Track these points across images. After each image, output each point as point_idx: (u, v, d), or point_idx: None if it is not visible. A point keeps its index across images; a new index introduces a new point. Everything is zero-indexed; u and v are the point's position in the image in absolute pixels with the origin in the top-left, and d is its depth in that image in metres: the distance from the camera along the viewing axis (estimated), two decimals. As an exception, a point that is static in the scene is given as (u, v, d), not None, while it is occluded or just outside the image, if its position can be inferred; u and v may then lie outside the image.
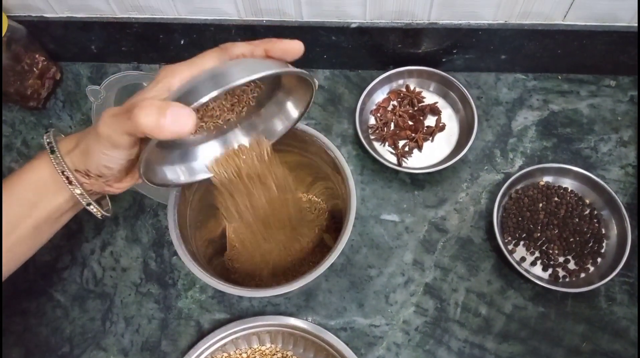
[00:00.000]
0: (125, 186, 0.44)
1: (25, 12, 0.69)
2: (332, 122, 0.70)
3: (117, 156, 0.39)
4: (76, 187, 0.42)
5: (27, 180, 0.42)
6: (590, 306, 0.59)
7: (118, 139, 0.37)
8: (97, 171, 0.41)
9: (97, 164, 0.40)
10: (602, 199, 0.62)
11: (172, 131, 0.33)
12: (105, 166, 0.40)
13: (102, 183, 0.42)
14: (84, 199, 0.43)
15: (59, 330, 0.61)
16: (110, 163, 0.40)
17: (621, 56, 0.68)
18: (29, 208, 0.42)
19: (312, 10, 0.65)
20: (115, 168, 0.40)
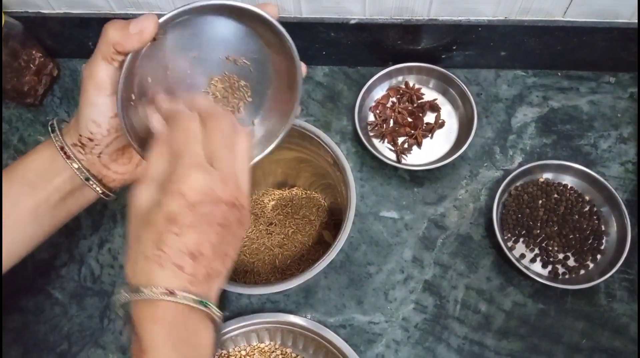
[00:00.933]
0: (122, 170, 0.45)
1: (22, 8, 0.68)
2: (331, 119, 0.70)
3: (101, 102, 0.39)
4: (74, 161, 0.42)
5: (29, 161, 0.43)
6: (590, 303, 0.59)
7: (97, 71, 0.38)
8: (87, 133, 0.41)
9: (86, 120, 0.40)
10: (601, 196, 0.62)
11: (135, 31, 0.36)
12: (93, 121, 0.40)
13: (97, 161, 0.43)
14: (82, 174, 0.43)
15: (57, 328, 0.61)
16: (97, 115, 0.40)
17: (621, 52, 0.68)
18: (29, 187, 0.43)
19: (311, 6, 0.64)
20: (102, 124, 0.40)
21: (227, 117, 0.38)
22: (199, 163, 0.35)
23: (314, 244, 0.64)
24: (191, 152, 0.35)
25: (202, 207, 0.34)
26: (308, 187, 0.68)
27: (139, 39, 0.36)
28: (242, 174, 0.37)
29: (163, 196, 0.34)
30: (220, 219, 0.35)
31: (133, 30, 0.36)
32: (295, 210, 0.66)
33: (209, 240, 0.34)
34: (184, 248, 0.34)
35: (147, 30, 0.36)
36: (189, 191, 0.34)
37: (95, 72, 0.38)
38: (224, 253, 0.36)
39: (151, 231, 0.34)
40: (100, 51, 0.37)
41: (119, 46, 0.36)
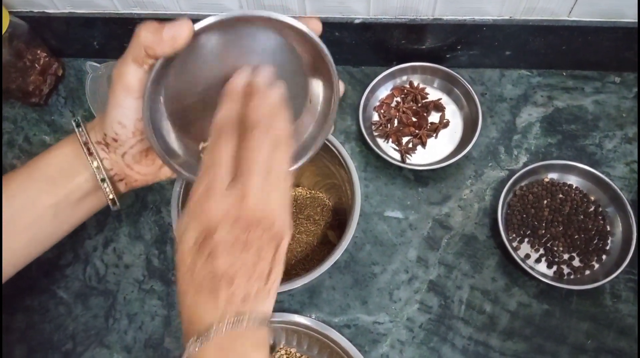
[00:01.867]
0: (145, 171, 0.45)
1: (27, 8, 0.69)
2: (335, 119, 0.70)
3: (128, 105, 0.39)
4: (95, 159, 0.42)
5: (51, 157, 0.43)
6: (595, 303, 0.59)
7: (126, 72, 0.37)
8: (112, 133, 0.41)
9: (112, 121, 0.40)
10: (607, 196, 0.62)
11: (169, 37, 0.35)
12: (119, 123, 0.40)
13: (121, 160, 0.43)
14: (100, 174, 0.43)
15: (62, 327, 0.61)
16: (123, 117, 0.40)
17: (626, 52, 0.67)
18: (49, 184, 0.43)
19: (315, 6, 0.64)
20: (128, 126, 0.40)
21: (267, 132, 0.36)
22: (215, 186, 0.35)
23: (318, 244, 0.64)
24: (211, 176, 0.35)
25: (221, 230, 0.34)
26: (312, 187, 0.68)
27: (172, 45, 0.35)
28: (271, 191, 0.36)
29: (187, 226, 0.35)
30: (244, 241, 0.35)
31: (167, 35, 0.35)
32: (299, 210, 0.66)
33: (238, 263, 0.34)
34: (214, 273, 0.34)
35: (181, 37, 0.35)
36: (206, 216, 0.34)
37: (125, 74, 0.37)
38: (263, 273, 0.35)
39: (185, 261, 0.35)
40: (130, 53, 0.36)
41: (151, 49, 0.35)
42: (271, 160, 0.36)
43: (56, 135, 0.72)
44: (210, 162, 0.36)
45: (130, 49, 0.36)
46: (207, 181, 0.35)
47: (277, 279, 0.37)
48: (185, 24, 0.35)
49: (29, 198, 0.42)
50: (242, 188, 0.35)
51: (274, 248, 0.36)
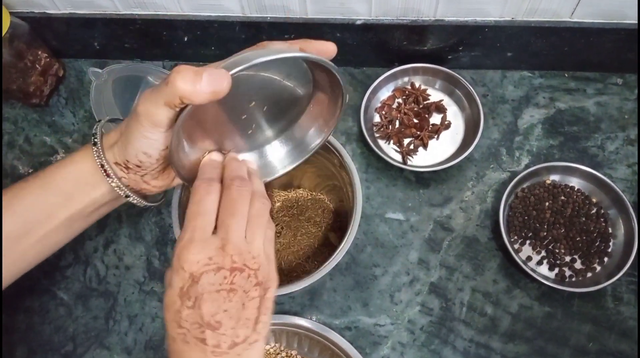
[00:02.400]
0: (161, 185, 0.45)
1: (28, 9, 0.68)
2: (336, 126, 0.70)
3: (156, 138, 0.39)
4: (113, 180, 0.42)
5: (67, 171, 0.43)
6: (597, 306, 0.59)
7: (156, 113, 0.37)
8: (136, 161, 0.41)
9: (137, 150, 0.40)
10: (609, 198, 0.62)
11: (208, 91, 0.34)
12: (144, 153, 0.40)
13: (139, 179, 0.43)
14: (122, 191, 0.43)
15: (62, 329, 0.61)
16: (149, 148, 0.39)
17: (628, 53, 0.67)
18: (66, 199, 0.43)
19: (317, 7, 0.64)
20: (153, 155, 0.40)
21: (239, 183, 0.39)
22: (197, 235, 0.36)
23: (319, 246, 0.64)
24: (193, 226, 0.37)
25: (205, 278, 0.35)
26: (313, 188, 0.67)
27: (211, 98, 0.35)
28: (253, 239, 0.37)
29: (172, 275, 0.36)
30: (228, 287, 0.35)
31: (207, 89, 0.34)
32: (300, 212, 0.66)
33: (223, 308, 0.35)
34: (200, 320, 0.35)
35: (221, 92, 0.35)
36: (189, 265, 0.35)
37: (155, 114, 0.37)
38: (250, 320, 0.36)
39: (171, 312, 0.36)
40: (163, 97, 0.36)
41: (187, 99, 0.35)
42: (251, 209, 0.38)
43: (57, 136, 0.71)
44: (194, 213, 0.37)
45: (164, 94, 0.35)
46: (190, 232, 0.36)
47: (265, 326, 0.37)
48: (225, 77, 0.34)
49: (45, 212, 0.43)
50: (223, 235, 0.36)
51: (259, 295, 0.37)
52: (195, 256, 0.35)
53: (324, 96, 0.45)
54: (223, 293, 0.35)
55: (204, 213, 0.37)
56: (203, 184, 0.39)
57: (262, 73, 0.40)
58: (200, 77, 0.34)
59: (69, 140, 0.71)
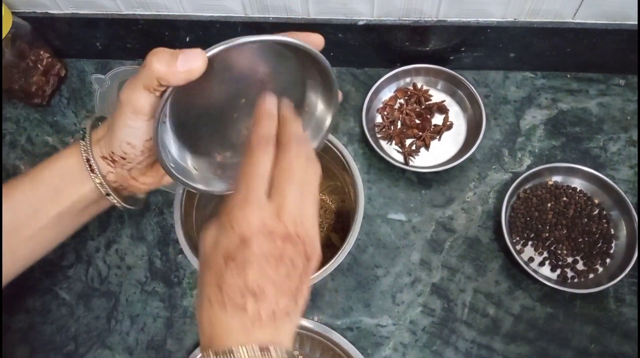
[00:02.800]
0: (150, 182, 0.44)
1: (30, 9, 0.68)
2: (338, 121, 0.70)
3: (138, 126, 0.38)
4: (97, 176, 0.42)
5: (55, 167, 0.43)
6: (599, 307, 0.59)
7: (137, 98, 0.36)
8: (120, 152, 0.40)
9: (120, 141, 0.40)
10: (611, 199, 0.62)
11: (183, 70, 0.34)
12: (128, 143, 0.40)
13: (127, 174, 0.42)
14: (103, 188, 0.43)
15: (64, 329, 0.61)
16: (133, 137, 0.39)
17: (631, 54, 0.67)
18: (54, 194, 0.42)
19: (319, 7, 0.64)
20: (137, 145, 0.40)
21: (298, 148, 0.37)
22: (252, 197, 0.34)
23: (321, 246, 0.64)
24: (249, 186, 0.35)
25: (256, 242, 0.33)
26: (315, 189, 0.67)
27: (186, 77, 0.35)
28: (305, 208, 0.36)
29: (219, 234, 0.35)
30: (277, 254, 0.34)
31: (181, 67, 0.34)
32: (302, 212, 0.66)
33: (269, 276, 0.33)
34: (243, 286, 0.33)
35: (196, 70, 0.35)
36: (241, 226, 0.34)
37: (135, 99, 0.37)
38: (292, 290, 0.35)
39: (212, 272, 0.34)
40: (141, 80, 0.36)
41: (164, 80, 0.35)
42: (305, 175, 0.36)
43: (59, 136, 0.71)
44: (249, 173, 0.35)
45: (142, 77, 0.36)
46: (244, 192, 0.35)
47: (304, 299, 0.36)
48: (200, 56, 0.34)
49: (33, 208, 0.42)
50: (279, 200, 0.34)
51: (303, 267, 0.35)
52: (249, 217, 0.34)
53: (317, 95, 0.44)
54: (272, 260, 0.34)
55: (261, 174, 0.35)
56: (262, 141, 0.37)
57: (250, 63, 0.39)
58: (176, 58, 0.34)
59: (71, 140, 0.71)
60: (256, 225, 0.34)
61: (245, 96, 0.42)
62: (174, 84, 0.35)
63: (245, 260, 0.33)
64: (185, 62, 0.34)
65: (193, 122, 0.41)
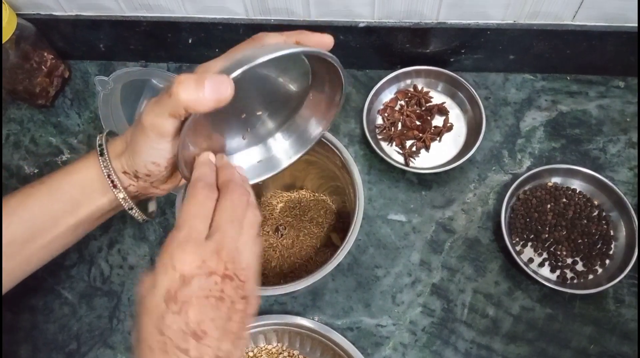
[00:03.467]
0: (169, 187, 0.45)
1: (34, 11, 0.69)
2: (339, 122, 0.70)
3: (163, 148, 0.38)
4: (120, 191, 0.42)
5: (74, 178, 0.43)
6: (599, 308, 0.59)
7: (162, 125, 0.36)
8: (145, 170, 0.41)
9: (145, 161, 0.40)
10: (610, 200, 0.62)
11: (212, 99, 0.34)
12: (153, 163, 0.40)
13: (149, 185, 0.43)
14: (127, 203, 0.43)
15: (66, 328, 0.62)
16: (158, 157, 0.39)
17: (631, 56, 0.67)
18: (73, 206, 0.43)
19: (320, 10, 0.65)
20: (162, 163, 0.40)
21: (240, 191, 0.38)
22: (193, 236, 0.35)
23: (321, 246, 0.65)
24: (190, 226, 0.35)
25: (196, 280, 0.33)
26: (316, 189, 0.68)
27: (215, 105, 0.34)
28: (245, 248, 0.36)
29: (158, 276, 0.34)
30: (217, 293, 0.34)
31: (210, 96, 0.34)
32: (303, 212, 0.66)
33: (210, 317, 0.33)
34: (185, 327, 0.32)
35: (225, 98, 0.34)
36: (183, 265, 0.33)
37: (161, 125, 0.36)
38: (232, 332, 0.34)
39: (152, 317, 0.33)
40: (168, 109, 0.35)
41: (192, 108, 0.34)
42: (245, 216, 0.37)
43: (62, 136, 0.72)
44: (190, 213, 0.36)
45: (168, 105, 0.35)
46: (185, 232, 0.35)
47: (243, 344, 0.36)
48: (226, 84, 0.34)
49: (51, 218, 0.42)
50: (219, 239, 0.35)
51: (243, 309, 0.35)
52: (190, 257, 0.34)
53: (323, 84, 0.44)
54: (212, 300, 0.33)
55: (203, 216, 0.36)
56: (206, 187, 0.38)
57: (260, 69, 0.40)
58: (203, 86, 0.34)
59: (74, 141, 0.72)
60: (196, 263, 0.33)
61: (254, 94, 0.43)
62: (203, 111, 0.34)
63: (186, 299, 0.33)
64: (214, 91, 0.34)
65: (207, 127, 0.42)
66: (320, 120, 0.47)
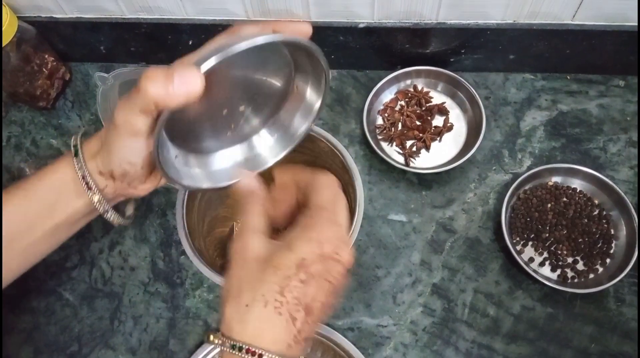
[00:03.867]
0: (149, 187, 0.44)
1: (35, 13, 0.69)
2: (339, 123, 0.70)
3: (137, 146, 0.38)
4: (95, 194, 0.41)
5: (49, 181, 0.42)
6: (599, 307, 0.59)
7: (135, 122, 0.36)
8: (121, 169, 0.40)
9: (120, 160, 0.39)
10: (611, 199, 0.62)
11: (181, 93, 0.33)
12: (129, 162, 0.39)
13: (126, 185, 0.42)
14: (101, 206, 0.42)
15: (67, 329, 0.62)
16: (133, 156, 0.39)
17: (630, 56, 0.67)
18: (49, 209, 0.42)
19: (320, 11, 0.65)
20: (138, 162, 0.40)
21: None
22: (337, 219, 0.37)
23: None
24: (332, 209, 0.37)
25: (331, 264, 0.34)
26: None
27: (186, 99, 0.33)
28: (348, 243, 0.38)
29: (301, 243, 0.35)
30: (335, 282, 0.35)
31: (179, 90, 0.32)
32: (303, 213, 0.66)
33: (321, 299, 0.34)
34: (302, 298, 0.33)
35: (195, 91, 0.33)
36: (326, 242, 0.35)
37: (134, 122, 0.36)
38: (320, 320, 0.35)
39: (278, 274, 0.34)
40: (138, 104, 0.34)
41: (162, 103, 0.33)
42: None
43: (63, 138, 0.72)
44: (332, 198, 0.38)
45: (137, 101, 0.34)
46: (330, 213, 0.37)
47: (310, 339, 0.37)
48: (197, 76, 0.32)
49: (28, 223, 0.42)
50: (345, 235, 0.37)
51: (331, 306, 0.36)
52: (336, 240, 0.35)
53: (307, 76, 0.43)
54: (330, 286, 0.34)
55: (345, 205, 0.39)
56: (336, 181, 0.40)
57: (237, 61, 0.38)
58: (172, 80, 0.32)
59: (75, 143, 0.72)
60: (338, 249, 0.35)
61: (235, 88, 0.42)
62: (173, 106, 0.33)
63: (316, 274, 0.34)
64: (182, 84, 0.33)
65: (187, 125, 0.41)
66: (306, 115, 0.45)
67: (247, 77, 0.41)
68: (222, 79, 0.39)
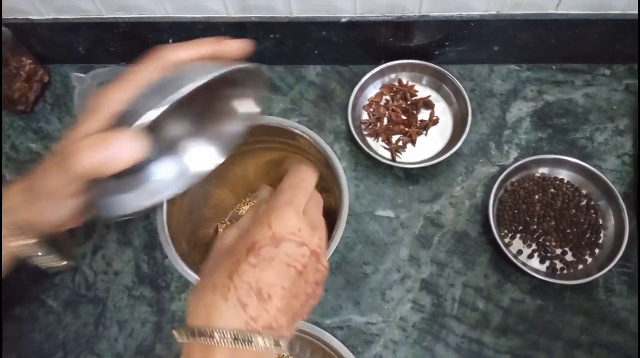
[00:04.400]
0: (76, 223, 0.43)
1: (11, 15, 0.68)
2: (324, 119, 0.70)
3: (67, 206, 0.37)
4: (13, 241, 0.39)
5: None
6: (589, 298, 0.59)
7: (63, 192, 0.35)
8: (49, 228, 0.39)
9: (49, 224, 0.38)
10: (598, 189, 0.62)
11: (122, 161, 0.32)
12: (58, 223, 0.39)
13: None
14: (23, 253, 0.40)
15: (52, 336, 0.61)
16: (61, 213, 0.38)
17: (616, 44, 0.67)
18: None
19: (302, 6, 0.64)
20: (66, 215, 0.38)
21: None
22: (296, 204, 0.35)
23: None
24: (293, 195, 0.36)
25: (286, 245, 0.33)
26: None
27: (129, 164, 0.32)
28: (324, 234, 0.37)
29: (252, 227, 0.34)
30: (299, 266, 0.33)
31: (121, 158, 0.32)
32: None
33: (282, 285, 0.32)
34: (253, 283, 0.32)
35: (138, 155, 0.32)
36: (279, 226, 0.33)
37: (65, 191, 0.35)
38: (293, 310, 0.33)
39: (230, 259, 0.33)
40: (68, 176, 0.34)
41: (98, 174, 0.32)
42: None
43: (43, 142, 0.71)
44: (299, 186, 0.37)
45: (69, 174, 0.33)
46: (287, 197, 0.35)
47: (295, 329, 0.34)
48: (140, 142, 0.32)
49: None
50: (314, 220, 0.36)
51: (311, 293, 0.34)
52: (288, 221, 0.33)
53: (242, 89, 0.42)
54: (292, 270, 0.32)
55: (307, 191, 0.37)
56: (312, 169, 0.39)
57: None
58: (107, 150, 0.31)
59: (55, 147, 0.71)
60: (292, 229, 0.33)
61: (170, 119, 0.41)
62: (112, 173, 0.32)
63: (268, 258, 0.32)
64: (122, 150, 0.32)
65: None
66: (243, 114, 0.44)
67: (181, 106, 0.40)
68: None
